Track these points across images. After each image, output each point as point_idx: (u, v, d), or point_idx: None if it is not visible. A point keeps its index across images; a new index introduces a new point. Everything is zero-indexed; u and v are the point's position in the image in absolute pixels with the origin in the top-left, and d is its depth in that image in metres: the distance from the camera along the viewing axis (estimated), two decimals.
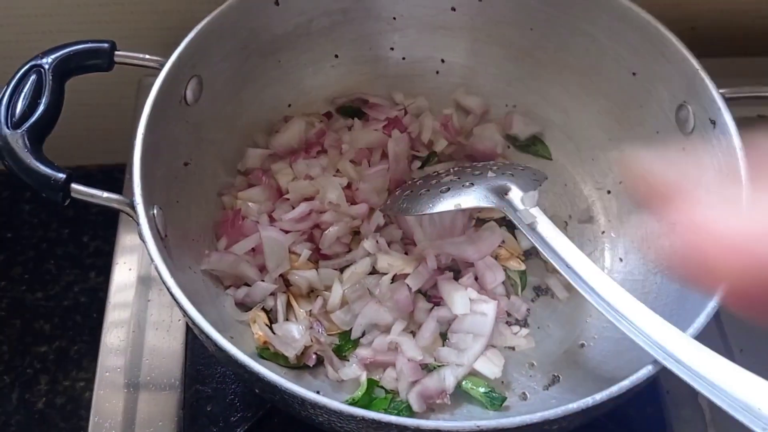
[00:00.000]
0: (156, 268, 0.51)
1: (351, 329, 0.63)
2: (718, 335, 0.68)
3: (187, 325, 0.68)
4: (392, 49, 0.75)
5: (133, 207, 0.53)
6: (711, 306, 0.51)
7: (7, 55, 0.61)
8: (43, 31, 0.80)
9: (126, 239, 0.75)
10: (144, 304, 0.70)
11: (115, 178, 0.78)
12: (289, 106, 0.74)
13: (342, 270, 0.66)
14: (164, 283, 0.50)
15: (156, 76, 0.59)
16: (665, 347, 0.49)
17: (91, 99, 0.87)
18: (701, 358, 0.47)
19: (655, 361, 0.49)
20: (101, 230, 1.05)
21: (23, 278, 1.01)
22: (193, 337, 0.68)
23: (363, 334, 0.63)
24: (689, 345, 0.48)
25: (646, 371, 0.49)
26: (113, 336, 0.69)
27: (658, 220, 0.66)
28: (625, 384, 0.48)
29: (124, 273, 0.72)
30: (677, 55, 0.62)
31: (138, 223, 0.53)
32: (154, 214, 0.55)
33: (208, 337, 0.49)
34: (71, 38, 0.60)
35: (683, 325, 0.51)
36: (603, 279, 0.54)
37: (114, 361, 0.67)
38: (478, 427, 0.45)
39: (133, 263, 0.72)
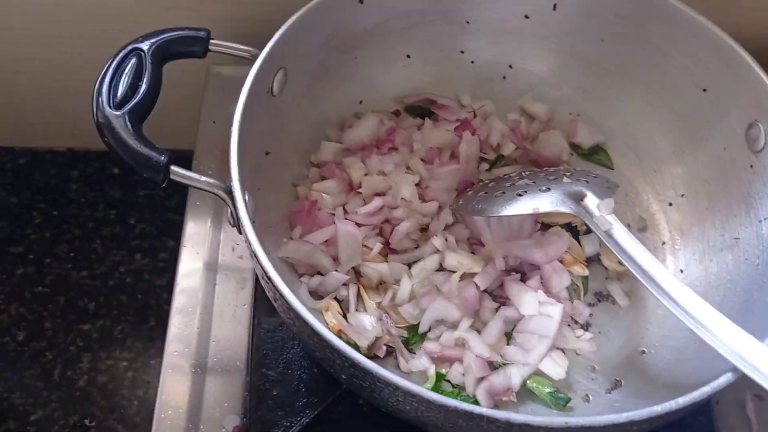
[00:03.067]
0: (253, 252, 0.53)
1: (418, 323, 0.65)
2: None
3: (253, 311, 0.70)
4: (462, 52, 0.77)
5: (229, 192, 0.55)
6: None
7: (105, 44, 0.63)
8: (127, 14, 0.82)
9: (191, 225, 0.76)
10: (211, 289, 0.71)
11: (179, 164, 0.79)
12: (361, 102, 0.75)
13: (410, 265, 0.67)
14: (261, 267, 0.52)
15: (229, 65, 0.60)
16: (744, 355, 0.50)
17: None
18: None
19: (735, 369, 0.50)
20: (147, 213, 1.06)
21: (69, 256, 1.03)
22: (258, 322, 0.69)
23: (429, 329, 0.65)
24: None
25: (725, 379, 0.50)
26: (180, 319, 0.70)
27: (721, 234, 0.68)
28: (706, 390, 0.49)
29: (191, 258, 0.73)
30: (750, 73, 0.64)
31: (234, 207, 0.54)
32: (246, 199, 0.56)
33: (301, 318, 0.50)
34: (156, 25, 0.62)
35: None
36: (679, 286, 0.56)
37: (181, 343, 0.68)
38: (566, 424, 0.47)
39: (201, 249, 0.73)
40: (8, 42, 0.91)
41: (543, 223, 0.71)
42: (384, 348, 0.63)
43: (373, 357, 0.63)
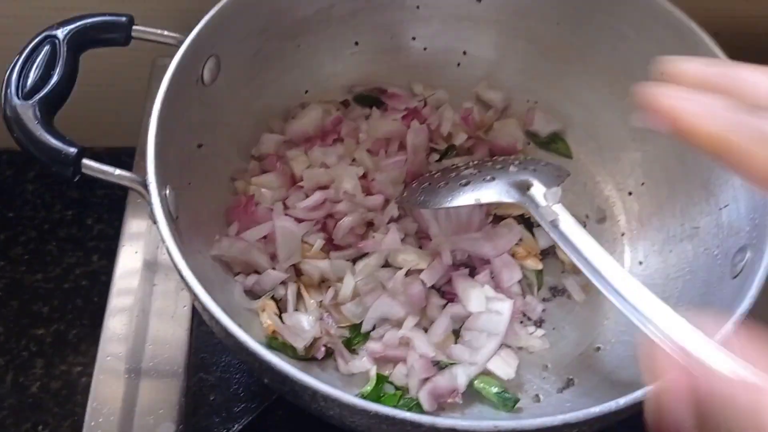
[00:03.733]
0: (167, 249, 0.49)
1: (362, 322, 0.61)
2: None
3: (192, 312, 0.66)
4: (414, 39, 0.74)
5: (145, 186, 0.51)
6: (737, 314, 0.50)
7: (19, 31, 0.60)
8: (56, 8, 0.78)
9: (132, 223, 0.73)
10: (149, 289, 0.68)
11: (122, 161, 0.76)
12: (306, 92, 0.72)
13: (354, 261, 0.64)
14: (175, 265, 0.49)
15: (172, 56, 0.58)
16: (691, 352, 0.47)
17: (100, 79, 0.85)
18: (728, 364, 0.46)
19: None
20: (106, 213, 1.03)
21: (23, 259, 0.99)
22: (197, 325, 0.66)
23: (374, 328, 0.62)
24: (716, 350, 0.47)
25: None
26: (116, 320, 0.67)
27: (681, 223, 0.65)
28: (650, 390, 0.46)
29: (129, 257, 0.70)
30: (710, 55, 0.61)
31: (150, 203, 0.51)
32: (166, 194, 0.53)
33: (218, 323, 0.47)
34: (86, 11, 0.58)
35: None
36: (627, 279, 0.52)
37: (116, 346, 0.65)
38: (496, 427, 0.43)
39: (139, 248, 0.70)
40: None
41: (495, 215, 0.68)
42: (323, 349, 0.59)
43: (311, 359, 0.59)
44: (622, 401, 0.45)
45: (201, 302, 0.48)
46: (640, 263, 0.66)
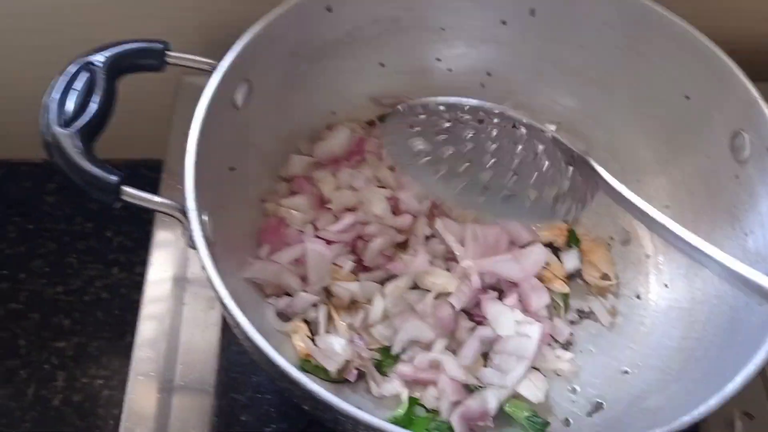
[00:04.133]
0: (208, 276, 0.50)
1: (391, 345, 0.62)
2: None
3: (222, 332, 0.67)
4: (438, 60, 0.75)
5: (184, 213, 0.52)
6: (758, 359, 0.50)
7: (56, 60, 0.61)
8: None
9: (160, 240, 0.73)
10: (179, 308, 0.69)
11: (141, 174, 0.77)
12: (334, 113, 0.73)
13: (383, 283, 0.65)
14: (217, 293, 0.49)
15: (198, 74, 0.58)
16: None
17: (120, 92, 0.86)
18: None
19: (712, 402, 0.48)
20: (125, 226, 1.03)
21: (43, 271, 1.00)
22: (227, 344, 0.67)
23: (404, 351, 0.62)
24: None
25: (705, 408, 0.48)
26: (147, 339, 0.67)
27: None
28: (686, 419, 0.47)
29: (158, 273, 0.71)
30: (735, 80, 0.62)
31: (189, 230, 0.52)
32: (204, 219, 0.53)
33: (259, 349, 0.48)
34: (114, 35, 0.59)
35: (738, 360, 0.51)
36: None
37: (147, 366, 0.66)
38: None
39: (168, 264, 0.71)
40: None
41: None
42: (355, 372, 0.60)
43: (343, 381, 0.60)
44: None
45: (242, 329, 0.48)
46: (666, 286, 0.67)
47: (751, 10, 0.82)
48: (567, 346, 0.64)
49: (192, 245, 0.53)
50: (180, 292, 0.70)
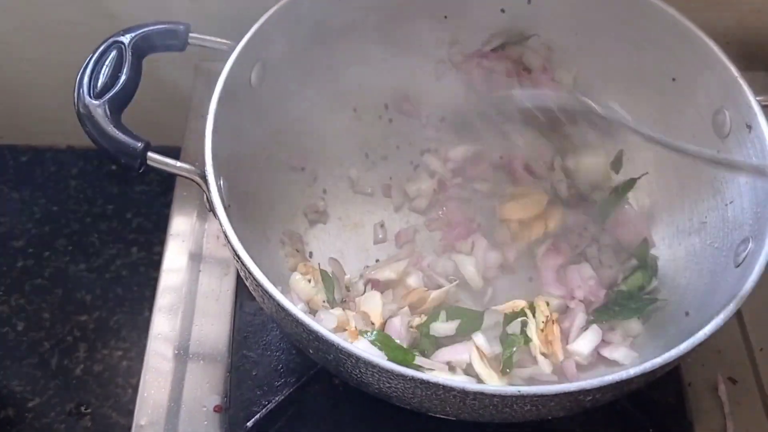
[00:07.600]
0: (224, 231, 0.55)
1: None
2: (740, 332, 0.72)
3: (236, 295, 0.72)
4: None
5: (203, 177, 0.57)
6: (739, 296, 0.54)
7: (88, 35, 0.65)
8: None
9: (177, 215, 0.78)
10: (195, 275, 0.74)
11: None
12: (343, 98, 0.77)
13: None
14: (231, 245, 0.54)
15: (215, 60, 0.63)
16: None
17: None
18: None
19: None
20: (144, 208, 1.09)
21: (67, 250, 1.06)
22: (240, 306, 0.72)
23: None
24: None
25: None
26: (165, 303, 0.72)
27: (689, 218, 0.69)
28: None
29: (177, 246, 0.76)
30: (716, 61, 0.65)
31: (208, 191, 0.56)
32: (220, 184, 0.58)
33: (271, 297, 0.52)
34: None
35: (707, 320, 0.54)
36: None
37: (165, 326, 0.71)
38: (519, 392, 0.48)
39: (186, 238, 0.76)
40: (8, 42, 0.95)
41: None
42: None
43: None
44: (632, 371, 0.50)
45: (255, 278, 0.53)
46: None
47: (743, 3, 0.86)
48: None
49: (210, 207, 0.58)
50: (196, 263, 0.75)
